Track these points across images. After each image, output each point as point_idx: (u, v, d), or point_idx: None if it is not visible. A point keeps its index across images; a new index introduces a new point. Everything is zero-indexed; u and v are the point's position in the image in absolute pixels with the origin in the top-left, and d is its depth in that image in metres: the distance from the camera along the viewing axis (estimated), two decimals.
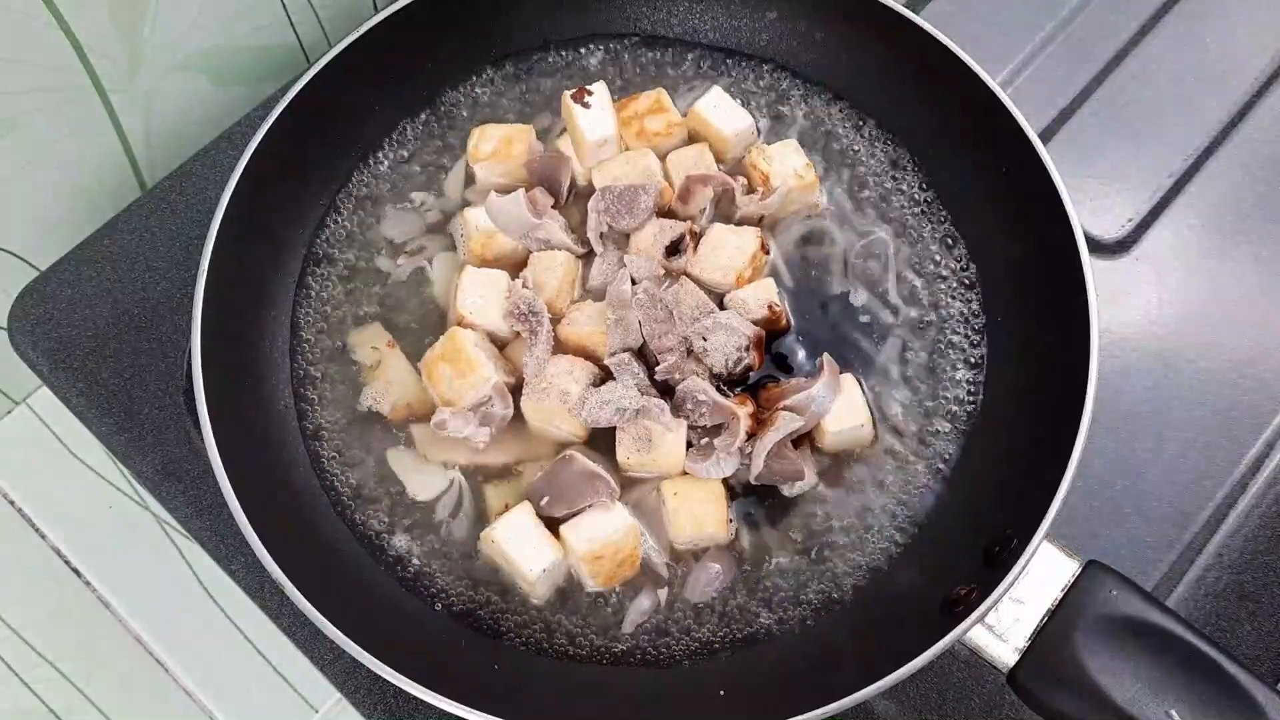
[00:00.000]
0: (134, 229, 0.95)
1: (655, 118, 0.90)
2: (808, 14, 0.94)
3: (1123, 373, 0.91)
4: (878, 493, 0.80)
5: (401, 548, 0.80)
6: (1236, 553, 0.85)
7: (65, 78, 0.88)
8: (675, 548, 0.78)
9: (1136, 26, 1.08)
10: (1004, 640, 0.67)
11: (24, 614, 1.02)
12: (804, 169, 0.87)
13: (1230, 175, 1.01)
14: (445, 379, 0.79)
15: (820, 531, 0.79)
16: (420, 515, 0.81)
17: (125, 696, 1.02)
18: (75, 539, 1.03)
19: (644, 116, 0.90)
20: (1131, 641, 0.65)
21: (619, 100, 0.91)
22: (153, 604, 1.01)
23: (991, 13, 1.09)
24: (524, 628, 0.77)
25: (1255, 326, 0.94)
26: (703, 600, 0.77)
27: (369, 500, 0.81)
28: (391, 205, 0.91)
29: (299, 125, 0.85)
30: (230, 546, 0.84)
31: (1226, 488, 0.87)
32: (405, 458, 0.82)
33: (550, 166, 0.87)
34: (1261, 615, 0.83)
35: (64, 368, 0.90)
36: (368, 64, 0.89)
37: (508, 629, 0.77)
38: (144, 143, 1.00)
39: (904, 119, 0.92)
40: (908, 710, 0.80)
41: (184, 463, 0.87)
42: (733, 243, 0.83)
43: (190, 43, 0.96)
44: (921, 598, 0.74)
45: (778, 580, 0.78)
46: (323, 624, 0.68)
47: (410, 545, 0.80)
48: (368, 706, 0.81)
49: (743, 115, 0.90)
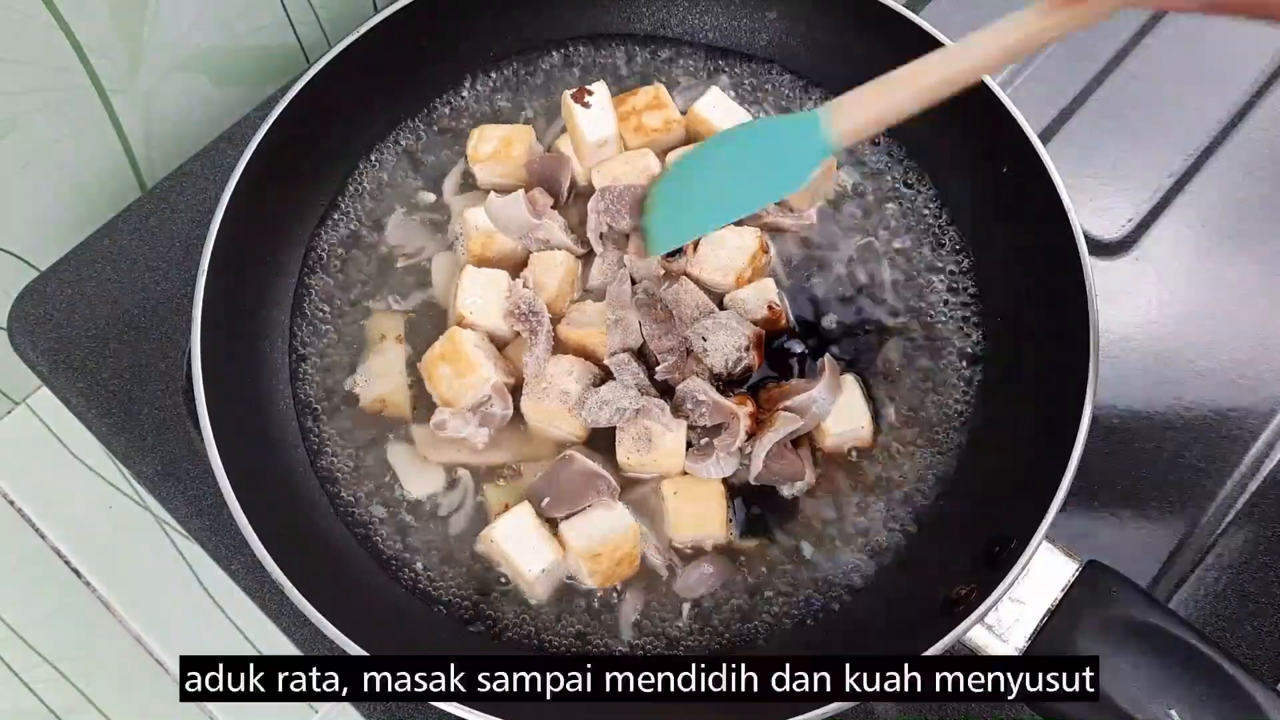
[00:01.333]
0: (134, 229, 0.95)
1: (654, 114, 0.89)
2: (808, 14, 0.94)
3: (1123, 373, 0.91)
4: (877, 493, 0.80)
5: (401, 547, 0.80)
6: (1236, 553, 0.85)
7: (65, 78, 0.88)
8: (675, 547, 0.78)
9: (1136, 26, 1.08)
10: (1004, 640, 0.67)
11: (24, 614, 1.02)
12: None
13: (1230, 175, 1.01)
14: (444, 379, 0.79)
15: (819, 531, 0.79)
16: (420, 515, 0.81)
17: (125, 696, 1.02)
18: (75, 539, 1.03)
19: (642, 112, 0.89)
20: (1131, 641, 0.65)
21: (617, 95, 0.91)
22: (152, 604, 1.01)
23: (991, 12, 1.08)
24: (523, 627, 0.77)
25: (1255, 326, 0.94)
26: (692, 597, 0.77)
27: (369, 500, 0.81)
28: (391, 205, 0.91)
29: (299, 125, 0.85)
30: (230, 546, 0.84)
31: (1226, 488, 0.87)
32: (403, 457, 0.82)
33: (549, 167, 0.87)
34: (1261, 615, 0.83)
35: (64, 368, 0.90)
36: (368, 64, 0.89)
37: (507, 628, 0.77)
38: (144, 143, 1.00)
39: None
40: (908, 710, 0.80)
41: (184, 463, 0.87)
42: (733, 243, 0.83)
43: (190, 43, 0.96)
44: (921, 598, 0.74)
45: (776, 580, 0.78)
46: (322, 624, 0.68)
47: (410, 545, 0.80)
48: (367, 706, 0.81)
49: (742, 115, 0.89)
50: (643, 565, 0.78)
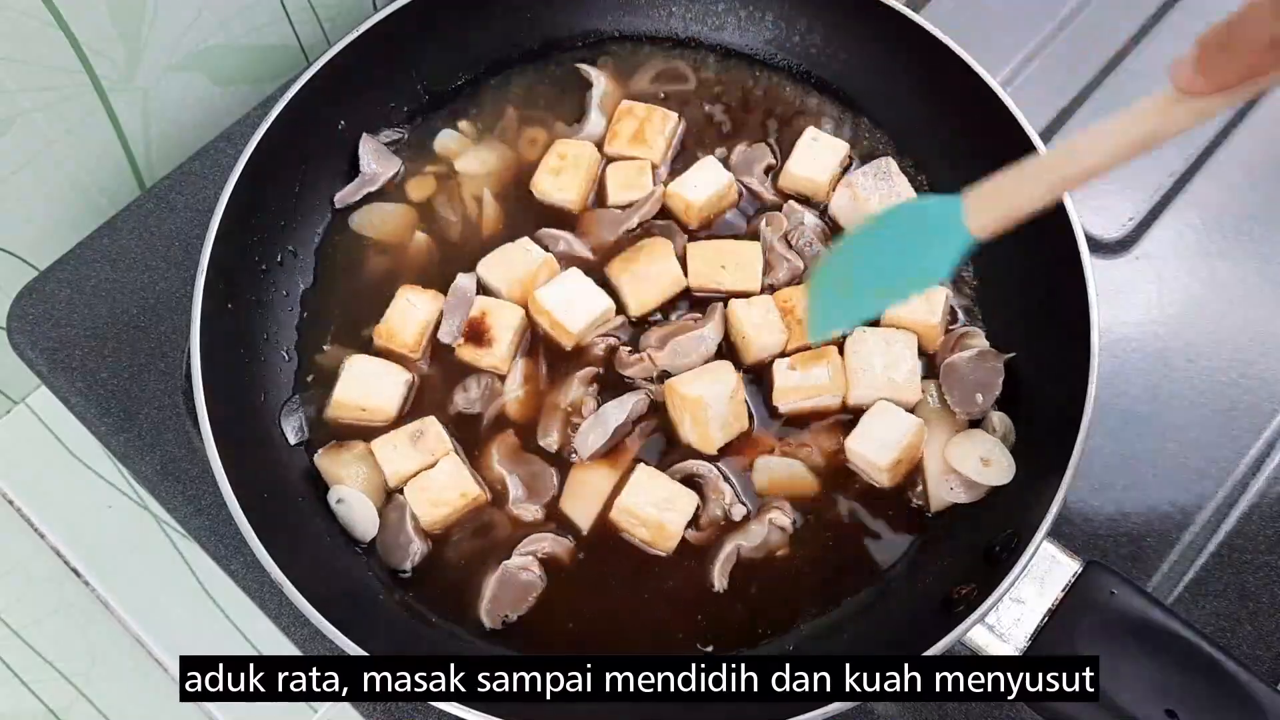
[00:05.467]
0: (133, 228, 0.95)
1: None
2: (808, 14, 0.94)
3: (1123, 373, 0.91)
4: (877, 493, 0.80)
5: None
6: (1236, 553, 0.85)
7: (64, 77, 0.88)
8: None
9: (1136, 27, 1.08)
10: (1004, 640, 0.67)
11: (24, 614, 1.02)
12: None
13: (1230, 175, 1.01)
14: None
15: (819, 531, 0.79)
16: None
17: (125, 696, 1.02)
18: (75, 539, 1.02)
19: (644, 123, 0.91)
20: (1131, 641, 0.65)
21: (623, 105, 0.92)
22: (152, 604, 1.01)
23: (991, 12, 1.09)
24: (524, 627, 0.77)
25: (1255, 326, 0.94)
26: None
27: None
28: (390, 204, 0.91)
29: (298, 124, 0.85)
30: (230, 546, 0.84)
31: (1226, 488, 0.87)
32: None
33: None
34: (1261, 615, 0.83)
35: (63, 367, 0.90)
36: (367, 63, 0.89)
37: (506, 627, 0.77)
38: (143, 142, 1.00)
39: (903, 118, 0.92)
40: (908, 710, 0.80)
41: (183, 463, 0.86)
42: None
43: (190, 42, 0.96)
44: (921, 598, 0.74)
45: (775, 580, 0.78)
46: (322, 624, 0.68)
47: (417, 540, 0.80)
48: (367, 706, 0.80)
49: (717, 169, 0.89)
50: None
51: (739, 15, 0.97)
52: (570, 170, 0.89)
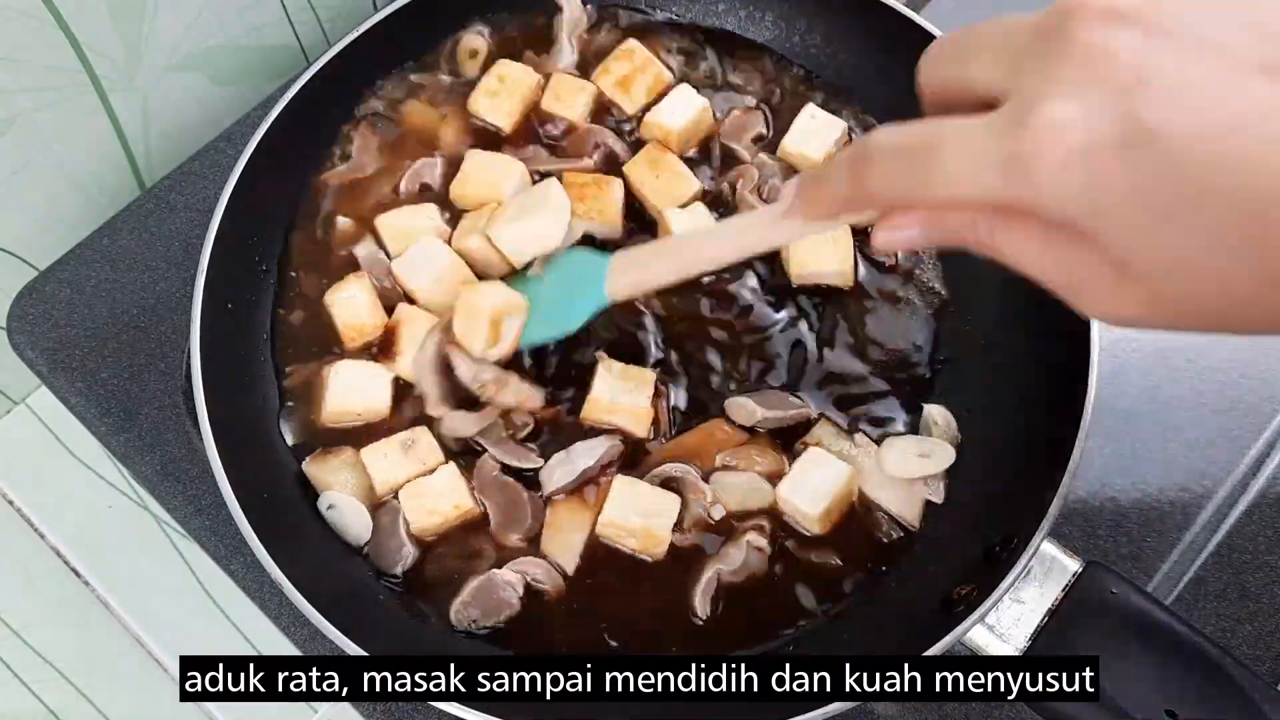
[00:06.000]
0: (133, 228, 0.95)
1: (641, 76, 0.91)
2: (808, 14, 0.94)
3: (1123, 373, 0.91)
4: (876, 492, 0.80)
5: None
6: (1236, 553, 0.85)
7: (64, 77, 0.88)
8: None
9: None
10: (1004, 640, 0.67)
11: (24, 614, 1.02)
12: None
13: None
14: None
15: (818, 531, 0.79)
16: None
17: (125, 696, 1.02)
18: (75, 539, 1.02)
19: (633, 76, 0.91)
20: (1132, 641, 0.65)
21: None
22: (152, 604, 1.01)
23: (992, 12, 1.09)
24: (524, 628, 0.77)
25: None
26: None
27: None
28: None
29: (299, 124, 0.85)
30: (230, 546, 0.84)
31: (1226, 488, 0.87)
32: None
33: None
34: (1261, 615, 0.83)
35: (63, 367, 0.90)
36: (367, 63, 0.89)
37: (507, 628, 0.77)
38: (143, 141, 1.00)
39: (903, 117, 0.92)
40: (908, 710, 0.80)
41: (183, 463, 0.86)
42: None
43: (190, 42, 0.96)
44: (921, 598, 0.74)
45: (774, 580, 0.78)
46: (322, 624, 0.68)
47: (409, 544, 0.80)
48: (367, 706, 0.80)
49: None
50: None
51: (739, 15, 0.97)
52: (506, 94, 0.89)
